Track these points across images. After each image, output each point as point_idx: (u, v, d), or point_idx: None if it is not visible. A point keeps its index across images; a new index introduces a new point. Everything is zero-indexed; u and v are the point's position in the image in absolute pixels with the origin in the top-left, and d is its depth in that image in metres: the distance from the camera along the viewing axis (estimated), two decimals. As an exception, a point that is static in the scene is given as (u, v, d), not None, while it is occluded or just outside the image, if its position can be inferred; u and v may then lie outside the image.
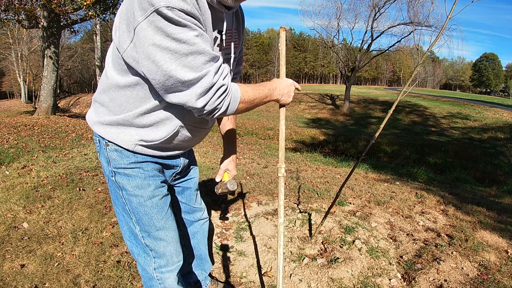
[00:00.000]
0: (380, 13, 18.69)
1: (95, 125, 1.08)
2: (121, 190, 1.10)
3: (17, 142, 5.22)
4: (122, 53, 0.89)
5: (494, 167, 10.62)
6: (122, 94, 0.99)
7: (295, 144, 13.14)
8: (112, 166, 1.08)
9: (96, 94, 1.09)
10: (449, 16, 1.44)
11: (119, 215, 1.17)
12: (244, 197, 2.99)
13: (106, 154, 1.08)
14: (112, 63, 0.98)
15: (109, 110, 1.03)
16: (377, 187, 3.62)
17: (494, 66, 72.29)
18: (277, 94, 1.13)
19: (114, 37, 0.91)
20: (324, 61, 67.41)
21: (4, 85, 41.28)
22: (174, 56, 0.81)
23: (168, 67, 0.82)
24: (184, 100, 0.88)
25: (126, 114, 1.01)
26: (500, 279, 1.80)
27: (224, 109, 0.93)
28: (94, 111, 1.10)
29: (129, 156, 1.07)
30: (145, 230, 1.14)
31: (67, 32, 12.47)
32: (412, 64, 55.86)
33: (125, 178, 1.08)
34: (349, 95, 21.30)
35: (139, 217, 1.13)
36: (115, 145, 1.06)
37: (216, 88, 0.89)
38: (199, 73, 0.84)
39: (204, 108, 0.89)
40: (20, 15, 9.37)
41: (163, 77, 0.84)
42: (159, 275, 1.19)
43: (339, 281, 1.79)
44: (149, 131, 1.03)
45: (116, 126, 1.03)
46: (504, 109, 20.47)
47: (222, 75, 0.91)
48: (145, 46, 0.81)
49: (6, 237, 2.18)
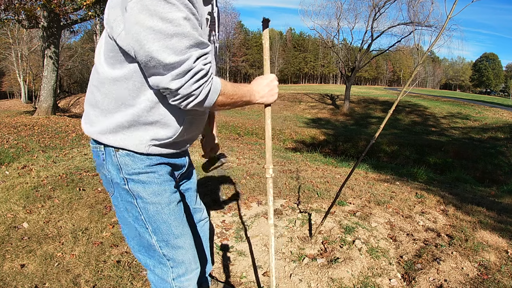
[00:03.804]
0: (380, 13, 18.73)
1: (97, 136, 0.99)
2: (136, 198, 1.02)
3: (17, 142, 5.22)
4: (116, 38, 0.86)
5: (494, 167, 10.63)
6: (117, 87, 0.93)
7: (295, 144, 13.14)
8: (124, 173, 1.00)
9: (86, 99, 1.02)
10: (449, 16, 1.44)
11: (128, 227, 1.08)
12: (244, 197, 2.99)
13: (116, 161, 0.99)
14: (104, 58, 0.93)
15: (102, 109, 0.96)
16: (377, 187, 3.62)
17: (494, 66, 72.32)
18: (258, 96, 1.09)
19: (106, 25, 0.88)
20: (324, 61, 67.40)
21: (4, 85, 41.29)
22: (157, 36, 0.77)
23: (150, 47, 0.78)
24: (158, 80, 0.83)
25: (126, 113, 0.94)
26: (500, 279, 1.80)
27: (203, 97, 0.88)
28: (88, 120, 1.02)
29: (143, 159, 1.00)
30: (163, 240, 1.07)
31: (67, 32, 12.47)
32: (412, 64, 55.86)
33: (140, 185, 1.01)
34: (349, 95, 21.31)
35: (157, 226, 1.05)
36: (126, 150, 0.99)
37: (195, 72, 0.83)
38: (181, 57, 0.80)
39: (178, 91, 0.83)
40: (20, 15, 9.37)
41: (145, 58, 0.80)
42: (178, 285, 1.12)
43: (339, 281, 1.79)
44: (158, 127, 0.98)
45: (121, 132, 0.96)
46: (504, 109, 20.47)
47: (204, 61, 0.85)
48: (131, 24, 0.79)
49: (6, 237, 2.18)
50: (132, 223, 1.06)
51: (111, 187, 1.06)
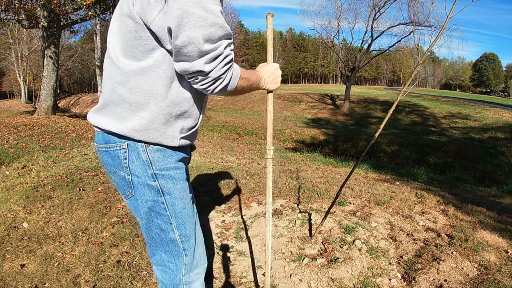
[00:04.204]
0: (380, 13, 18.71)
1: (130, 132, 0.96)
2: (164, 195, 1.02)
3: (17, 142, 5.22)
4: (150, 24, 0.87)
5: (494, 167, 10.62)
6: (146, 78, 0.92)
7: (295, 144, 13.14)
8: (155, 169, 0.99)
9: (106, 98, 0.98)
10: (449, 16, 1.44)
11: (149, 224, 1.06)
12: (244, 197, 2.99)
13: (145, 157, 0.98)
14: (123, 52, 0.93)
15: (131, 103, 0.94)
16: (377, 187, 3.62)
17: (494, 66, 72.30)
18: (263, 83, 1.15)
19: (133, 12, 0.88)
20: (324, 61, 67.37)
21: (4, 85, 41.29)
22: (200, 23, 0.83)
23: (191, 33, 0.83)
24: (189, 65, 0.87)
25: (158, 106, 0.95)
26: (500, 279, 1.80)
27: (228, 80, 0.93)
28: (115, 117, 0.97)
29: (172, 155, 1.02)
30: (185, 234, 1.08)
31: (67, 32, 12.46)
32: (412, 64, 55.84)
33: (170, 181, 1.02)
34: (349, 95, 21.30)
35: (182, 220, 1.07)
36: (158, 145, 0.99)
37: (224, 57, 0.89)
38: (215, 45, 0.86)
39: (209, 74, 0.88)
40: (20, 15, 9.37)
41: (183, 42, 0.84)
42: (187, 280, 1.12)
43: (339, 281, 1.79)
44: (185, 118, 1.02)
45: (156, 127, 0.96)
46: (504, 109, 20.47)
47: (230, 48, 0.92)
48: (174, 10, 0.82)
49: (6, 237, 2.18)
50: (154, 220, 1.05)
51: (129, 188, 1.03)
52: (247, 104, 23.95)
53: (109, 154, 1.01)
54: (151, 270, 1.89)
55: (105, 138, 1.01)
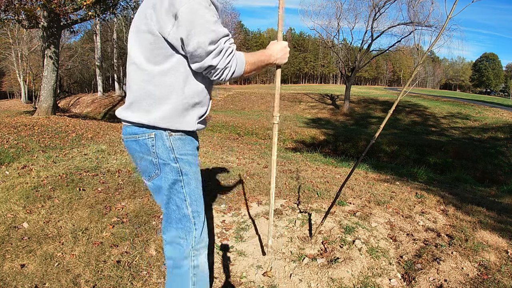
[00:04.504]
0: (380, 13, 18.69)
1: (155, 121, 1.19)
2: (182, 175, 1.26)
3: (17, 142, 5.22)
4: (167, 36, 1.12)
5: (494, 167, 10.62)
6: (168, 77, 1.17)
7: (295, 144, 13.14)
8: (176, 153, 1.24)
9: (134, 94, 1.21)
10: (449, 16, 1.44)
11: (170, 204, 1.28)
12: (244, 197, 2.99)
13: (169, 144, 1.23)
14: (146, 58, 1.17)
15: (156, 98, 1.18)
16: (377, 187, 3.62)
17: (494, 66, 72.27)
18: (274, 58, 1.36)
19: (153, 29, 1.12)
20: (324, 61, 67.38)
21: (4, 85, 41.29)
22: (203, 31, 1.09)
23: (198, 39, 1.08)
24: (201, 64, 1.13)
25: (178, 99, 1.18)
26: (500, 279, 1.80)
27: (234, 67, 1.18)
28: (140, 110, 1.20)
29: (190, 143, 1.28)
30: (196, 211, 1.30)
31: (67, 32, 12.45)
32: (412, 64, 55.84)
33: (187, 164, 1.27)
34: (349, 95, 21.29)
35: (194, 198, 1.29)
36: (179, 132, 1.24)
37: (225, 50, 1.14)
38: (216, 44, 1.12)
39: (217, 66, 1.14)
40: (20, 15, 9.36)
41: (193, 47, 1.10)
42: (195, 252, 1.30)
43: (339, 281, 1.79)
44: (200, 107, 1.26)
45: (177, 115, 1.20)
46: (504, 109, 20.46)
47: (229, 42, 1.17)
48: (184, 23, 1.08)
49: (6, 237, 2.18)
50: (173, 198, 1.27)
51: (156, 170, 1.25)
52: (247, 104, 23.94)
53: (138, 143, 1.24)
54: (151, 270, 1.89)
55: (133, 129, 1.23)
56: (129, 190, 3.09)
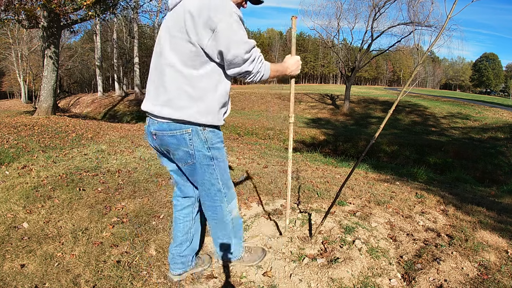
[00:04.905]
0: (380, 13, 18.67)
1: (191, 116, 1.43)
2: (214, 159, 1.57)
3: (17, 142, 5.22)
4: (205, 48, 1.35)
5: (494, 167, 10.62)
6: (204, 81, 1.42)
7: (295, 144, 13.13)
8: (209, 144, 1.53)
9: (174, 94, 1.41)
10: (449, 16, 1.44)
11: (205, 183, 1.61)
12: (244, 197, 2.99)
13: (203, 136, 1.50)
14: (183, 63, 1.38)
15: (193, 97, 1.42)
16: (377, 187, 3.62)
17: (494, 66, 72.25)
18: (289, 70, 1.67)
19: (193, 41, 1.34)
20: (324, 61, 67.40)
21: (4, 85, 41.28)
22: (238, 44, 1.34)
23: (235, 51, 1.34)
24: (239, 69, 1.41)
25: (211, 99, 1.45)
26: (500, 279, 1.80)
27: (263, 72, 1.48)
28: (177, 107, 1.42)
29: (218, 135, 1.58)
30: (225, 184, 1.66)
31: (67, 32, 12.45)
32: (412, 64, 55.82)
33: (217, 151, 1.57)
34: (349, 95, 21.29)
35: (224, 176, 1.64)
36: (211, 127, 1.52)
37: (257, 57, 1.44)
38: (250, 53, 1.40)
39: (252, 70, 1.43)
40: (20, 15, 9.36)
41: (232, 57, 1.36)
42: (230, 209, 1.72)
43: (339, 281, 1.79)
44: (226, 106, 1.58)
45: (210, 112, 1.47)
46: (504, 109, 20.45)
47: (258, 50, 1.46)
48: (222, 38, 1.32)
49: (6, 237, 2.18)
50: (207, 178, 1.60)
51: (192, 158, 1.54)
52: (247, 104, 23.93)
53: (176, 137, 1.48)
54: (151, 270, 1.89)
55: (171, 126, 1.47)
56: (129, 190, 3.09)
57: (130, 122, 16.73)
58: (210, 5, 1.29)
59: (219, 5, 1.30)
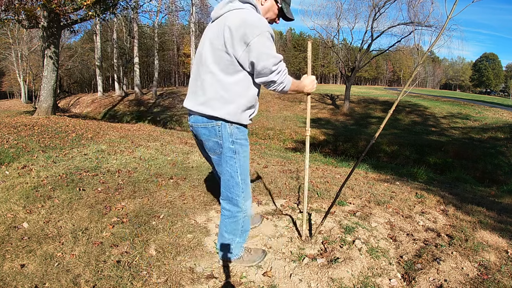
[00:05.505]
0: (380, 13, 18.65)
1: (223, 114, 1.64)
2: (237, 154, 1.73)
3: (17, 142, 5.22)
4: (238, 58, 1.57)
5: (494, 167, 10.62)
6: (237, 86, 1.63)
7: (295, 144, 13.14)
8: (234, 138, 1.71)
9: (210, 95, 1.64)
10: (449, 16, 1.44)
11: (226, 173, 1.77)
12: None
13: (229, 131, 1.69)
14: (220, 69, 1.61)
15: (226, 99, 1.63)
16: (377, 187, 3.62)
17: (494, 66, 72.23)
18: (306, 88, 1.88)
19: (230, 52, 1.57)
20: (324, 61, 67.35)
21: (4, 85, 41.28)
22: (268, 57, 1.56)
23: (265, 63, 1.57)
24: (266, 78, 1.62)
25: (240, 102, 1.65)
26: (500, 279, 1.80)
27: (285, 84, 1.68)
28: (211, 107, 1.65)
29: (243, 131, 1.75)
30: (244, 179, 1.79)
31: (67, 32, 12.45)
32: (412, 64, 55.83)
33: (240, 147, 1.74)
34: (349, 95, 21.28)
35: (243, 171, 1.78)
36: (237, 124, 1.70)
37: (282, 70, 1.65)
38: (277, 65, 1.61)
39: (277, 80, 1.63)
40: (20, 15, 9.35)
41: (261, 68, 1.58)
42: (244, 207, 1.83)
43: (339, 281, 1.79)
44: (253, 108, 1.76)
45: (239, 113, 1.67)
46: (504, 109, 20.44)
47: (284, 64, 1.66)
48: (254, 52, 1.54)
49: (6, 237, 2.18)
50: (228, 170, 1.76)
51: (220, 148, 1.74)
52: (247, 104, 23.90)
53: (207, 129, 1.71)
54: (151, 270, 1.89)
55: (204, 120, 1.70)
56: (129, 190, 3.09)
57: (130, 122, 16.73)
58: (247, 23, 1.53)
59: (255, 24, 1.53)
